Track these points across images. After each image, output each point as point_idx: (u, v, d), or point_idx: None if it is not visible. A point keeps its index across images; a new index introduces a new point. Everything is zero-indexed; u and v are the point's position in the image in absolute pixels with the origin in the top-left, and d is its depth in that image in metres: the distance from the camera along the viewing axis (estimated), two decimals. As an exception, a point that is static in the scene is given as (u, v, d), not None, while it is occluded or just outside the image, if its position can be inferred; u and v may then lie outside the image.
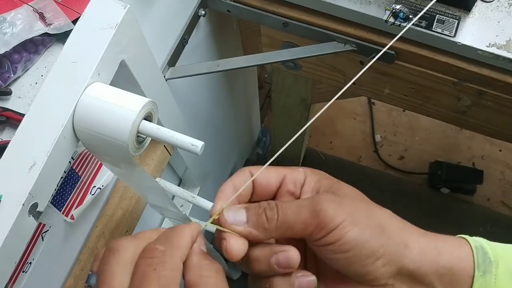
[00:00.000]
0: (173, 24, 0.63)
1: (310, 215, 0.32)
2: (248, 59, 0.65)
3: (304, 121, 1.09)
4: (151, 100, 0.35)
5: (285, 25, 0.65)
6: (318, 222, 0.32)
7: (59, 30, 0.49)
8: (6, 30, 0.46)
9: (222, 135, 1.07)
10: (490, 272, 0.33)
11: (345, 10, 0.60)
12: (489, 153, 1.55)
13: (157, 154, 0.62)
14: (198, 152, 0.35)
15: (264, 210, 0.33)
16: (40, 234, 0.48)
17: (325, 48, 0.64)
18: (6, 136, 0.46)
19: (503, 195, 1.50)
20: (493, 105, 0.64)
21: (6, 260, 0.33)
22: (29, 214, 0.33)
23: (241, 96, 1.12)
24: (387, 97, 0.74)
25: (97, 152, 0.39)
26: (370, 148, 1.60)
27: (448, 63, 0.60)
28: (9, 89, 0.48)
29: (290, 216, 0.33)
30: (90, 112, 0.34)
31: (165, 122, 0.52)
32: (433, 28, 0.57)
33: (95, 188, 0.50)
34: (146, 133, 0.35)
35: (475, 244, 0.34)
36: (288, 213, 0.33)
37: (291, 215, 0.33)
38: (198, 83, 0.81)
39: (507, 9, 0.58)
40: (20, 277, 0.47)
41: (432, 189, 1.49)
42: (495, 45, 0.56)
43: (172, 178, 0.79)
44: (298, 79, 0.88)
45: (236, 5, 0.66)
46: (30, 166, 0.33)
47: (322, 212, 0.32)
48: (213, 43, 0.78)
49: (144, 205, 0.62)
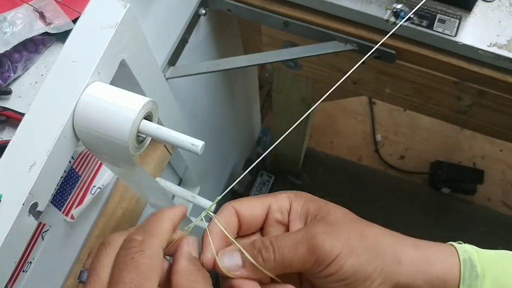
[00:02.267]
0: (173, 23, 0.63)
1: (308, 252, 0.32)
2: (249, 59, 0.65)
3: (304, 120, 1.09)
4: (151, 100, 0.35)
5: (285, 25, 0.65)
6: (316, 258, 0.32)
7: (59, 30, 0.49)
8: (6, 30, 0.46)
9: (223, 134, 1.07)
10: (475, 286, 0.33)
11: (346, 10, 0.60)
12: (489, 153, 1.55)
13: (157, 153, 0.62)
14: (198, 152, 0.34)
15: (259, 251, 0.33)
16: (40, 234, 0.48)
17: (326, 47, 0.64)
18: (6, 135, 0.46)
19: (504, 195, 1.49)
20: (493, 105, 0.64)
21: (6, 259, 0.33)
22: (29, 213, 0.33)
23: (242, 96, 1.12)
24: (388, 96, 0.74)
25: (97, 152, 0.39)
26: (371, 148, 1.59)
27: (449, 63, 0.60)
28: (9, 88, 0.48)
29: (287, 255, 0.32)
30: (90, 111, 0.34)
31: (165, 121, 0.52)
32: (434, 27, 0.57)
33: (95, 187, 0.50)
34: (146, 132, 0.35)
35: (463, 257, 0.34)
36: (285, 252, 0.32)
37: (288, 254, 0.32)
38: (199, 83, 0.81)
39: (508, 8, 0.57)
40: (20, 277, 0.47)
41: (433, 189, 1.49)
42: (496, 44, 0.56)
43: (172, 177, 0.79)
44: (299, 79, 0.88)
45: (237, 5, 0.66)
46: (30, 165, 0.33)
47: (319, 248, 0.32)
48: (213, 42, 0.78)
49: (144, 205, 0.62)
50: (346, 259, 0.32)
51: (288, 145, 1.25)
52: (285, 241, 0.33)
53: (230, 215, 0.35)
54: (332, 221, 0.34)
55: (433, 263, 0.34)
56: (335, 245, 0.32)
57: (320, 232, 0.32)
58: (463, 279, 0.33)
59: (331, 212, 0.35)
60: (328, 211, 0.35)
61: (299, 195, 0.37)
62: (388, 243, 0.34)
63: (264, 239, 0.34)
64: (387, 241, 0.34)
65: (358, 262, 0.32)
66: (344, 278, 0.32)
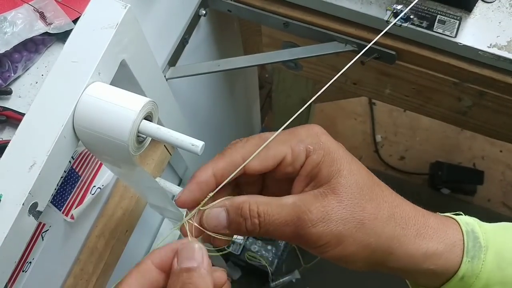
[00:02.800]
0: (173, 23, 0.63)
1: (294, 236, 0.32)
2: (249, 59, 0.65)
3: (304, 121, 1.09)
4: (151, 100, 0.35)
5: (286, 25, 0.65)
6: (301, 241, 0.32)
7: (60, 30, 0.49)
8: (6, 30, 0.46)
9: (223, 135, 1.07)
10: (478, 257, 0.33)
11: (346, 10, 0.60)
12: (489, 154, 1.55)
13: (157, 154, 0.62)
14: (198, 152, 0.34)
15: (244, 221, 0.32)
16: (40, 234, 0.48)
17: (326, 48, 0.64)
18: (6, 135, 0.46)
19: (504, 196, 1.49)
20: (493, 106, 0.64)
21: (6, 259, 0.33)
22: (29, 213, 0.33)
23: (242, 96, 1.12)
24: (388, 97, 0.74)
25: (97, 152, 0.39)
26: (371, 148, 1.59)
27: (449, 64, 0.60)
28: (9, 88, 0.48)
29: (272, 231, 0.32)
30: (90, 111, 0.34)
31: (165, 121, 0.52)
32: (434, 28, 0.57)
33: (95, 187, 0.50)
34: (146, 133, 0.35)
35: (466, 228, 0.34)
36: (270, 229, 0.32)
37: (272, 231, 0.32)
38: (199, 83, 0.81)
39: (508, 9, 0.57)
40: (20, 277, 0.47)
41: (433, 189, 1.49)
42: (496, 45, 0.56)
43: (172, 178, 0.79)
44: (299, 79, 0.88)
45: (237, 5, 0.66)
46: (30, 165, 0.33)
47: (306, 235, 0.31)
48: (213, 43, 0.78)
49: (144, 205, 0.62)
50: (332, 248, 0.32)
51: (288, 145, 1.25)
52: (274, 218, 0.32)
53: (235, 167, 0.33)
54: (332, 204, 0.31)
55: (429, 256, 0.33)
56: (323, 235, 0.31)
57: (311, 219, 0.31)
58: (466, 251, 0.33)
59: (338, 189, 0.32)
60: (335, 188, 0.32)
61: (320, 146, 0.33)
62: (385, 236, 0.32)
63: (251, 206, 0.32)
64: (385, 233, 0.32)
65: (344, 252, 0.32)
66: (327, 258, 0.32)
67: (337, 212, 0.31)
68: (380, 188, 0.34)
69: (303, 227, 0.31)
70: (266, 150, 0.33)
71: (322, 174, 0.33)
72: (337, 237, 0.31)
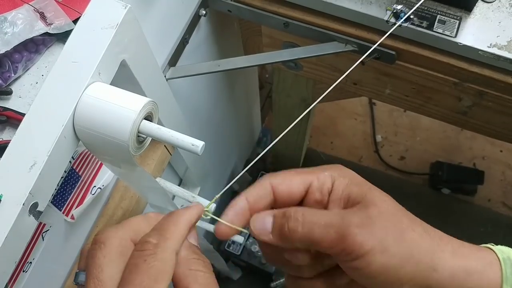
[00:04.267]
0: (173, 24, 0.63)
1: (337, 238, 0.31)
2: (249, 59, 0.65)
3: (305, 121, 1.09)
4: (151, 100, 0.35)
5: (286, 25, 0.65)
6: (345, 247, 0.31)
7: (60, 30, 0.49)
8: (6, 30, 0.46)
9: (223, 135, 1.07)
10: None
11: (346, 10, 0.60)
12: (490, 154, 1.55)
13: (157, 154, 0.62)
14: (198, 152, 0.35)
15: (287, 220, 0.32)
16: (40, 234, 0.48)
17: (326, 48, 0.64)
18: (6, 135, 0.46)
19: (504, 195, 1.49)
20: (494, 106, 0.64)
21: (6, 259, 0.33)
22: (29, 213, 0.33)
23: (242, 96, 1.12)
24: (388, 97, 0.74)
25: (98, 152, 0.39)
26: (371, 149, 1.59)
27: (449, 64, 0.60)
28: (9, 88, 0.48)
29: (315, 232, 0.32)
30: (90, 111, 0.34)
31: (165, 122, 0.52)
32: (434, 28, 0.57)
33: (96, 188, 0.50)
34: (146, 133, 0.35)
35: (502, 256, 0.33)
36: (314, 228, 0.32)
37: (316, 232, 0.32)
38: (199, 83, 0.81)
39: (508, 9, 0.57)
40: (21, 277, 0.47)
41: (433, 189, 1.49)
42: (496, 45, 0.56)
43: (173, 178, 0.79)
44: (299, 79, 0.88)
45: (237, 5, 0.66)
46: (31, 165, 0.33)
47: (350, 237, 0.31)
48: (213, 43, 0.78)
49: (144, 205, 0.62)
50: (377, 258, 0.30)
51: (288, 145, 1.25)
52: (317, 219, 0.32)
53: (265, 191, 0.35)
54: (373, 214, 0.32)
55: (471, 273, 0.32)
56: (368, 240, 0.30)
57: (355, 222, 0.31)
58: (505, 278, 0.32)
59: (375, 202, 0.32)
60: (372, 201, 0.33)
61: (344, 174, 0.35)
62: (425, 249, 0.32)
63: (297, 210, 0.33)
64: (425, 246, 0.32)
65: (389, 263, 0.31)
66: (371, 276, 0.31)
67: (380, 220, 0.32)
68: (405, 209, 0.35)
69: (348, 227, 0.31)
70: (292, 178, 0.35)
71: (354, 193, 0.34)
72: (381, 243, 0.31)
